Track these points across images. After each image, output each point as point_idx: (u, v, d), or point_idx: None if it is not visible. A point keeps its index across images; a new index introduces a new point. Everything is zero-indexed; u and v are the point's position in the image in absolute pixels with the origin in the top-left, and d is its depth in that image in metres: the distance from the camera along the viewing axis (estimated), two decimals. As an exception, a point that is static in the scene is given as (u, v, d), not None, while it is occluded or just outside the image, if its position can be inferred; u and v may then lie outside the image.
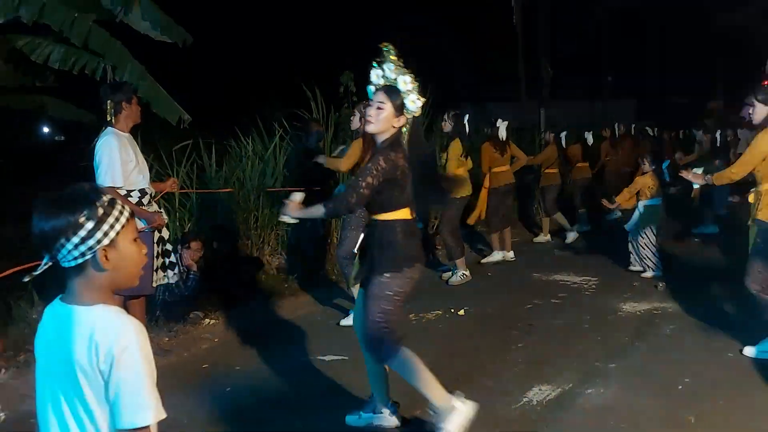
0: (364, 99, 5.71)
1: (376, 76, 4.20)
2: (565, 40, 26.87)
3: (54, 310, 1.90)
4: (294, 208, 4.19)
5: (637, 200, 8.78)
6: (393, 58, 4.14)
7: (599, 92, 33.76)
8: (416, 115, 4.16)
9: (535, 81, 19.77)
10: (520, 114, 18.73)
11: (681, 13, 28.68)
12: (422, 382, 4.15)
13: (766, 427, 4.30)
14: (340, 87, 10.60)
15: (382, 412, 4.42)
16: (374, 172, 3.97)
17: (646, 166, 8.85)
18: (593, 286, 8.31)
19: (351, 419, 4.45)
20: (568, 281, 8.61)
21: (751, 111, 5.49)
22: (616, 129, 15.11)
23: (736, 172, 5.46)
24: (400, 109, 4.06)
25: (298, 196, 4.25)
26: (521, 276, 9.04)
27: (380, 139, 4.12)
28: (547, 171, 11.85)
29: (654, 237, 8.55)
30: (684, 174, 6.03)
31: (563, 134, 12.46)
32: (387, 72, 4.16)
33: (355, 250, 4.47)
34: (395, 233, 4.08)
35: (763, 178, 5.37)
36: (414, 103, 4.09)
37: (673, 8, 28.05)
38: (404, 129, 4.12)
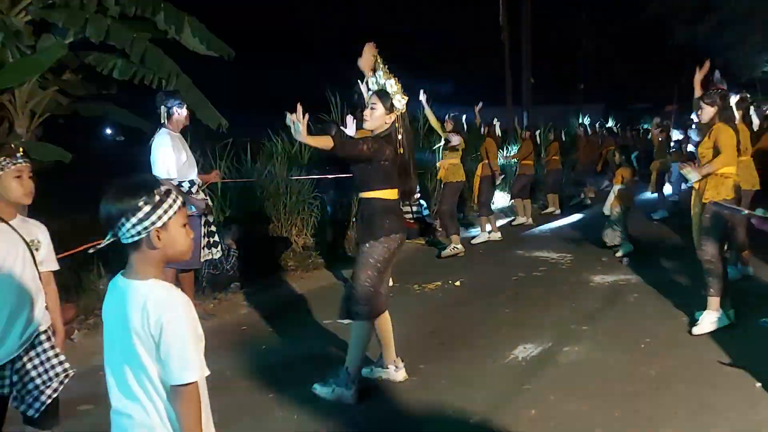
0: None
1: (371, 82, 4.33)
2: (545, 54, 26.69)
3: (116, 283, 1.92)
4: (304, 132, 3.97)
5: (612, 185, 8.76)
6: (382, 66, 4.28)
7: (573, 98, 33.59)
8: (402, 111, 4.23)
9: (519, 88, 19.69)
10: (506, 117, 18.70)
11: (644, 29, 28.45)
12: (358, 353, 4.21)
13: (715, 379, 4.29)
14: (354, 93, 10.58)
15: (388, 367, 4.45)
16: (368, 143, 4.09)
17: (617, 158, 8.79)
18: (568, 262, 8.29)
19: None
20: (547, 257, 8.59)
21: (699, 112, 5.46)
22: (588, 128, 15.12)
23: (726, 161, 5.20)
24: (390, 108, 4.17)
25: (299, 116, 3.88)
26: (507, 253, 9.02)
27: (375, 133, 4.21)
28: (523, 162, 11.83)
29: (624, 217, 8.50)
30: (683, 168, 5.77)
31: (537, 132, 12.45)
32: (378, 78, 4.28)
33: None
34: (374, 209, 4.15)
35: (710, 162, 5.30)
36: (400, 101, 4.21)
37: (638, 25, 27.85)
38: (397, 125, 4.19)
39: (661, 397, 4.05)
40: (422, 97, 8.83)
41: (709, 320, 5.19)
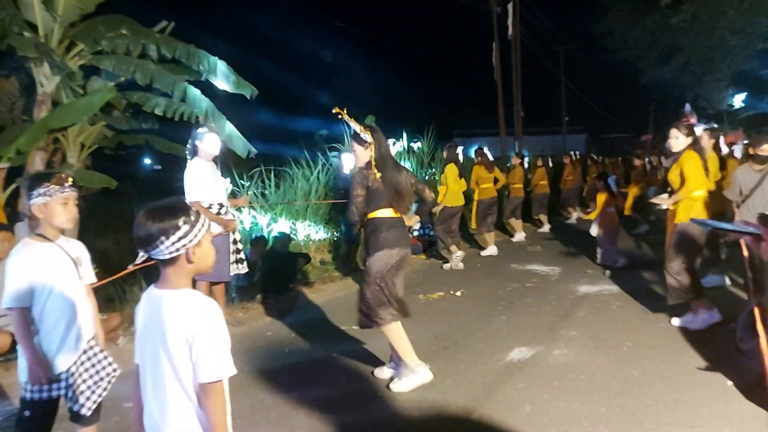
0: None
1: (351, 129, 4.44)
2: (533, 90, 26.80)
3: (150, 294, 1.92)
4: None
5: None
6: (348, 117, 4.38)
7: (559, 128, 33.65)
8: (372, 143, 4.31)
9: (511, 120, 19.72)
10: (500, 146, 18.75)
11: (619, 68, 28.56)
12: (403, 347, 4.25)
13: (691, 378, 4.23)
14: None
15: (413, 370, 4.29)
16: (356, 185, 4.26)
17: (601, 185, 8.75)
18: (557, 274, 8.24)
19: (377, 371, 4.43)
20: (538, 270, 8.54)
21: (672, 142, 5.39)
22: (573, 156, 15.12)
23: (693, 188, 5.18)
24: (365, 144, 4.31)
25: None
26: (503, 266, 8.98)
27: (359, 166, 4.38)
28: (514, 186, 11.79)
29: (612, 236, 8.50)
30: (655, 200, 5.78)
31: (526, 159, 12.42)
32: (352, 126, 4.38)
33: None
34: (375, 226, 4.24)
35: (679, 191, 5.28)
36: (367, 137, 4.31)
37: (614, 64, 27.95)
38: (372, 154, 4.31)
39: (643, 395, 4.00)
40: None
41: (690, 320, 5.27)
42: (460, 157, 9.33)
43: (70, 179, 2.86)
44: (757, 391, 3.58)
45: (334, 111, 4.40)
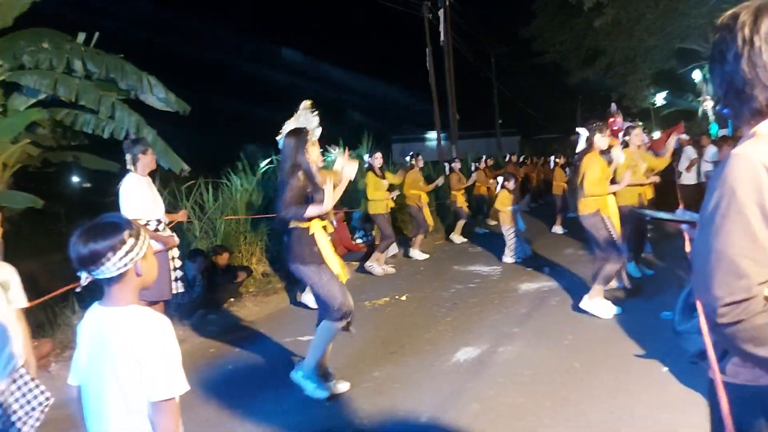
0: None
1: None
2: (467, 93, 27.30)
3: (95, 312, 1.86)
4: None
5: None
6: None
7: (493, 131, 34.37)
8: None
9: (447, 124, 20.02)
10: (436, 149, 19.00)
11: (548, 71, 29.38)
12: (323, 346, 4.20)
13: (630, 366, 4.39)
14: None
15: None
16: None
17: (502, 183, 9.23)
18: (498, 273, 8.39)
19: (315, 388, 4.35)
20: (479, 270, 8.67)
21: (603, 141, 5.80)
22: (508, 157, 15.47)
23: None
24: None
25: None
26: (445, 268, 9.07)
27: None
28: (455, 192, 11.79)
29: (513, 232, 8.98)
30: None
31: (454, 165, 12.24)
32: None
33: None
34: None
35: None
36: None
37: (543, 67, 28.77)
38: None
39: (586, 385, 4.12)
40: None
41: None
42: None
43: None
44: (694, 372, 3.74)
45: (308, 103, 4.22)
